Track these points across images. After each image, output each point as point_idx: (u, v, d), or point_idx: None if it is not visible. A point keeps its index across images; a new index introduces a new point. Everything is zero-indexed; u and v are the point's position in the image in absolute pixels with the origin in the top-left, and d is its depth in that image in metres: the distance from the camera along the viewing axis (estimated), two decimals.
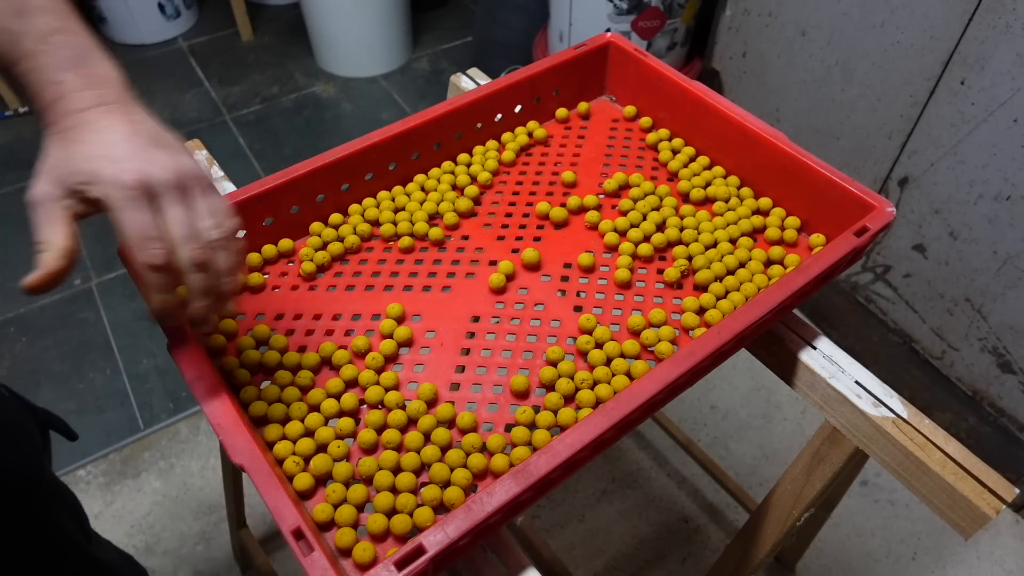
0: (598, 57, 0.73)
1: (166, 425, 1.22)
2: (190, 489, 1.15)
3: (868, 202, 0.57)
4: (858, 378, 0.55)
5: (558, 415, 0.49)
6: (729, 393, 1.28)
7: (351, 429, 0.48)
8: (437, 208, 0.64)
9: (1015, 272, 1.02)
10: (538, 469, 0.41)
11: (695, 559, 1.08)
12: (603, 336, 0.53)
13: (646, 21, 1.36)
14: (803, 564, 1.07)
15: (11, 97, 1.80)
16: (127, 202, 0.37)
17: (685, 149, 0.69)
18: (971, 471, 0.50)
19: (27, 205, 0.38)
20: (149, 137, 0.39)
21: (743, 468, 1.19)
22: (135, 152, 0.38)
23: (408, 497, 0.44)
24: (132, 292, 1.41)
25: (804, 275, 0.52)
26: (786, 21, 1.22)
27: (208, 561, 1.07)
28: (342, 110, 1.83)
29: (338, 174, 0.62)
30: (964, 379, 1.17)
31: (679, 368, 0.46)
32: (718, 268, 0.59)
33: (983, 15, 0.93)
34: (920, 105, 1.06)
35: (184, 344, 0.47)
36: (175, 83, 1.92)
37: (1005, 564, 1.08)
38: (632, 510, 1.13)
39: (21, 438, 0.50)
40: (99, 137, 0.38)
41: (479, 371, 0.52)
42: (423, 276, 0.59)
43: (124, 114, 0.39)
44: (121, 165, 0.37)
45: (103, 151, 0.37)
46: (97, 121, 0.38)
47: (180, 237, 0.38)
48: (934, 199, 1.09)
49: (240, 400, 0.49)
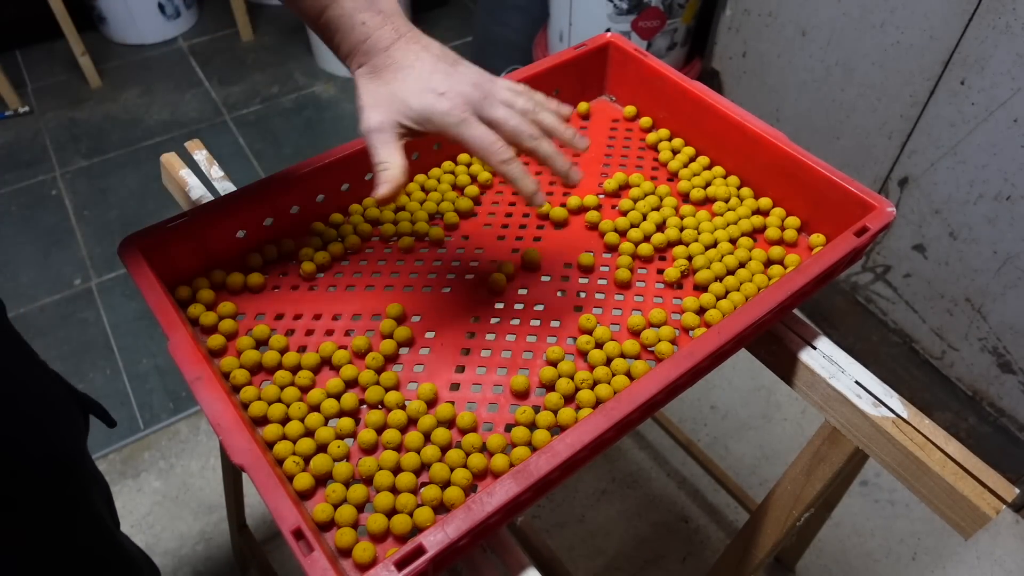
0: (598, 57, 0.73)
1: (166, 425, 1.22)
2: (190, 489, 1.15)
3: (868, 202, 0.57)
4: (858, 378, 0.55)
5: (558, 415, 0.49)
6: (729, 393, 1.28)
7: (351, 429, 0.48)
8: (437, 208, 0.64)
9: (1015, 272, 1.02)
10: (538, 469, 0.41)
11: (695, 559, 1.08)
12: (603, 336, 0.53)
13: (646, 21, 1.36)
14: (803, 564, 1.07)
15: (11, 97, 1.80)
16: (463, 125, 0.44)
17: (685, 149, 0.69)
18: (971, 471, 0.50)
19: (363, 134, 0.45)
20: (447, 59, 0.46)
21: (743, 468, 1.19)
22: (447, 78, 0.45)
23: (408, 497, 0.44)
24: (132, 292, 1.41)
25: (804, 275, 0.52)
26: (786, 21, 1.22)
27: (208, 561, 1.07)
28: (342, 110, 1.83)
29: (338, 174, 0.62)
30: (964, 379, 1.17)
31: (679, 368, 0.46)
32: (718, 268, 0.59)
33: (983, 15, 0.93)
34: (920, 105, 1.06)
35: (184, 344, 0.47)
36: (175, 83, 1.92)
37: (1005, 564, 1.08)
38: (632, 510, 1.13)
39: (66, 420, 0.51)
40: (414, 73, 0.44)
41: (479, 371, 0.52)
42: (423, 276, 0.59)
43: (418, 43, 0.46)
44: (446, 96, 0.44)
45: (425, 85, 0.44)
46: (405, 56, 0.45)
47: (514, 128, 0.45)
48: (934, 199, 1.09)
49: (240, 400, 0.49)
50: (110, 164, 1.70)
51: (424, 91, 0.44)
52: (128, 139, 1.76)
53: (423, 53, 0.45)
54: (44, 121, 1.81)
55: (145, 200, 1.61)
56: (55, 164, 1.69)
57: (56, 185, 1.64)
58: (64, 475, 0.50)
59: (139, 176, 1.67)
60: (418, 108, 0.44)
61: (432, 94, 0.44)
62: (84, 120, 1.81)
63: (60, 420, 0.50)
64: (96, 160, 1.70)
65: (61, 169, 1.68)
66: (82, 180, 1.65)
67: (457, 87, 0.45)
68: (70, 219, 1.57)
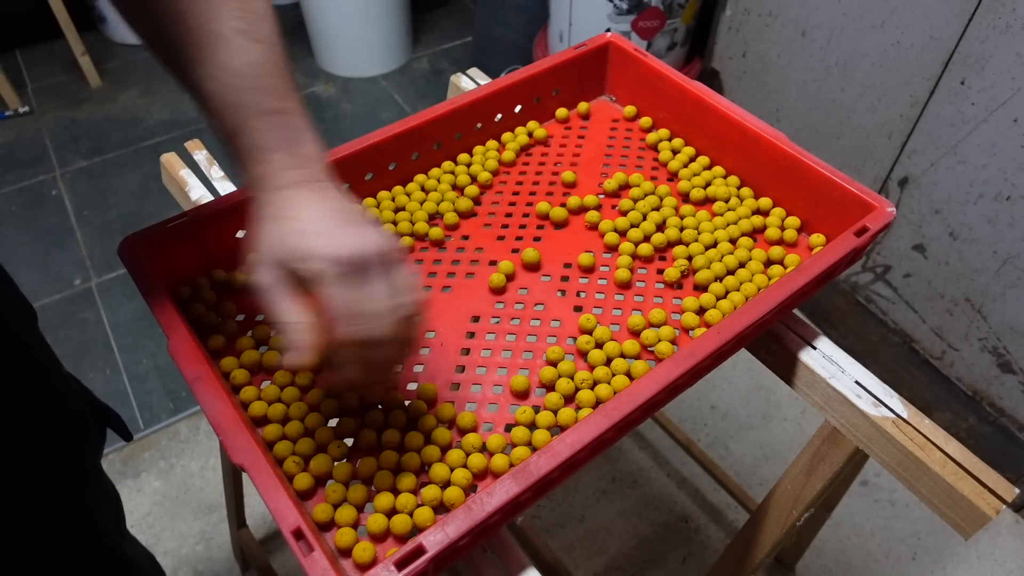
0: (598, 57, 0.73)
1: (166, 425, 1.22)
2: (190, 489, 1.15)
3: (868, 202, 0.57)
4: (858, 378, 0.55)
5: (558, 415, 0.49)
6: (729, 393, 1.28)
7: (351, 429, 0.48)
8: (437, 208, 0.64)
9: (1015, 272, 1.02)
10: (538, 469, 0.41)
11: (695, 559, 1.08)
12: (603, 336, 0.53)
13: (646, 21, 1.36)
14: (803, 564, 1.07)
15: (11, 97, 1.80)
16: (338, 278, 0.38)
17: (685, 149, 0.69)
18: (971, 471, 0.50)
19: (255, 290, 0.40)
20: (343, 213, 0.41)
21: (743, 468, 1.19)
22: (338, 228, 0.39)
23: (408, 497, 0.44)
24: (132, 292, 1.41)
25: (804, 275, 0.52)
26: (786, 21, 1.22)
27: (208, 561, 1.07)
28: (342, 110, 1.83)
29: (338, 174, 0.61)
30: (964, 379, 1.17)
31: (679, 368, 0.46)
32: (718, 268, 0.59)
33: (983, 15, 0.93)
34: (920, 105, 1.06)
35: (184, 344, 0.47)
36: (175, 83, 1.92)
37: (1005, 564, 1.08)
38: (632, 510, 1.13)
39: (79, 434, 0.50)
40: (303, 215, 0.39)
41: (479, 371, 0.52)
42: (423, 276, 0.59)
43: (320, 191, 0.41)
44: (332, 240, 0.39)
45: (311, 227, 0.39)
46: (297, 198, 0.40)
47: (382, 311, 0.39)
48: (934, 199, 1.09)
49: (240, 400, 0.49)
50: (110, 164, 1.70)
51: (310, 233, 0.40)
52: (128, 139, 1.76)
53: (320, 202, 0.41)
54: (44, 121, 1.81)
55: (145, 200, 1.61)
56: (55, 164, 1.69)
57: (56, 185, 1.64)
58: (67, 492, 0.49)
59: (139, 176, 1.67)
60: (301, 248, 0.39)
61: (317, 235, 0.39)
62: (84, 120, 1.81)
63: (72, 435, 0.50)
64: (96, 160, 1.70)
65: (61, 169, 1.68)
66: (82, 180, 1.65)
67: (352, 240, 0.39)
68: (70, 219, 1.57)
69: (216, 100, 0.40)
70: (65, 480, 0.48)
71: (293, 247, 0.39)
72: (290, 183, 0.40)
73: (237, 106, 0.40)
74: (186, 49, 0.39)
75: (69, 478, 0.49)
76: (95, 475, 0.53)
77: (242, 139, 0.40)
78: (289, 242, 0.39)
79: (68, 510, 0.48)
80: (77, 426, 0.50)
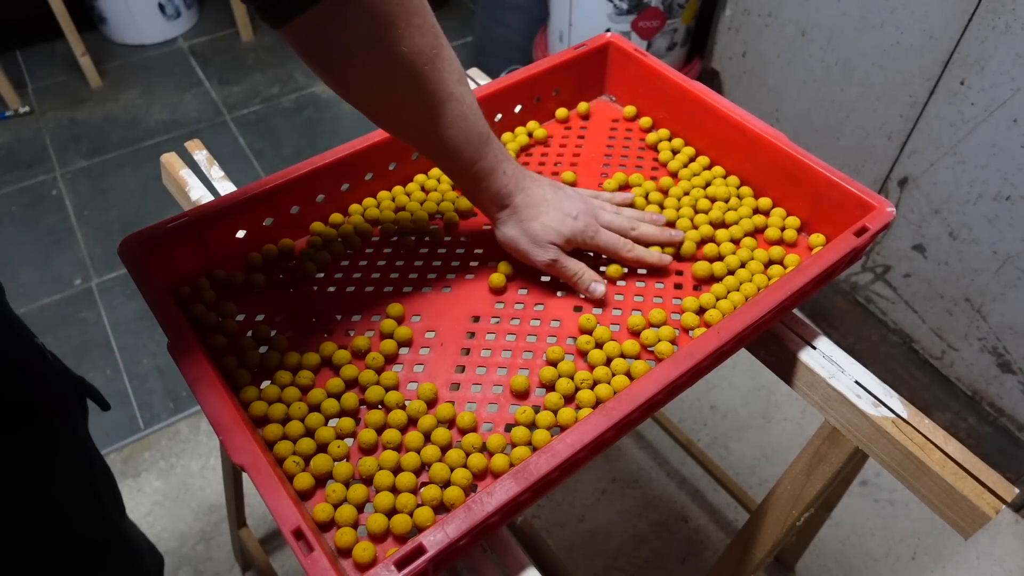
0: (598, 57, 0.73)
1: (166, 425, 1.22)
2: (190, 489, 1.15)
3: (868, 202, 0.57)
4: (858, 378, 0.55)
5: (558, 415, 0.49)
6: (729, 393, 1.28)
7: (351, 429, 0.48)
8: (437, 208, 0.64)
9: (1015, 272, 1.02)
10: (538, 469, 0.41)
11: (695, 559, 1.08)
12: (603, 336, 0.53)
13: (646, 21, 1.36)
14: (803, 564, 1.07)
15: (11, 97, 1.80)
16: (597, 236, 0.57)
17: (685, 149, 0.69)
18: (971, 471, 0.50)
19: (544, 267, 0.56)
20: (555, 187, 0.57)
21: (743, 468, 1.19)
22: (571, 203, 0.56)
23: (408, 497, 0.44)
24: (132, 292, 1.41)
25: (804, 275, 0.52)
26: (786, 21, 1.22)
27: (208, 561, 1.07)
28: (342, 110, 1.83)
29: (338, 174, 0.62)
30: (964, 379, 1.17)
31: (679, 368, 0.46)
32: (718, 268, 0.59)
33: (983, 15, 0.93)
34: (920, 105, 1.06)
35: (184, 344, 0.47)
36: (175, 83, 1.92)
37: (1005, 564, 1.08)
38: (632, 510, 1.13)
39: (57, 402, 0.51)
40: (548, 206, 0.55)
41: (479, 371, 0.53)
42: (423, 276, 0.59)
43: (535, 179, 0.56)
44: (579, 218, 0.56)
45: (562, 214, 0.55)
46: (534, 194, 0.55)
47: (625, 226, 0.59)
48: (934, 199, 1.09)
49: (240, 400, 0.49)
50: (110, 164, 1.70)
51: (565, 218, 0.55)
52: (128, 139, 1.76)
53: (541, 188, 0.56)
54: (44, 121, 1.81)
55: (145, 200, 1.61)
56: (55, 164, 1.69)
57: (56, 185, 1.64)
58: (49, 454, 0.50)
59: (139, 176, 1.67)
60: (568, 233, 0.55)
61: (570, 219, 0.55)
62: (84, 120, 1.81)
63: (54, 406, 0.50)
64: (96, 160, 1.71)
65: (61, 169, 1.68)
66: (82, 180, 1.66)
67: (580, 207, 0.56)
68: (70, 219, 1.57)
69: (452, 143, 0.50)
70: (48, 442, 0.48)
71: (565, 232, 0.55)
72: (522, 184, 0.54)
73: (469, 142, 0.50)
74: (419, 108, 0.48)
75: (52, 441, 0.49)
76: (79, 441, 0.53)
77: (481, 164, 0.52)
78: (561, 229, 0.55)
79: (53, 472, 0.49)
80: (56, 395, 0.50)
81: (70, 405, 0.53)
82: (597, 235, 0.57)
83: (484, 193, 0.54)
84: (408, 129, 0.51)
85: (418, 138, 0.51)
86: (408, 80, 0.46)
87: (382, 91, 0.46)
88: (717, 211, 0.63)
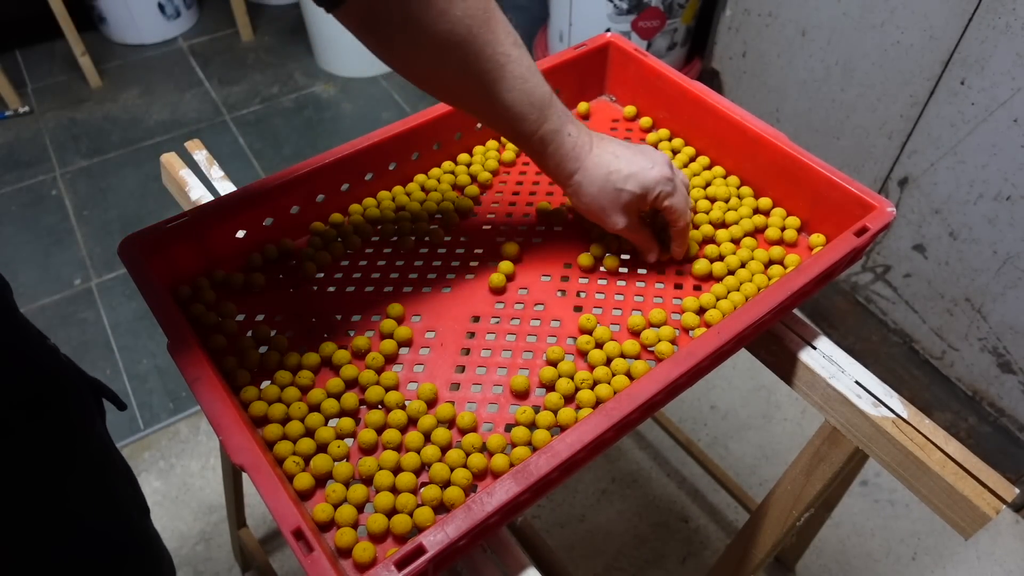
0: (598, 57, 0.73)
1: (166, 425, 1.22)
2: (190, 489, 1.15)
3: (868, 202, 0.57)
4: (858, 378, 0.55)
5: (558, 415, 0.49)
6: (729, 393, 1.28)
7: (351, 429, 0.48)
8: (437, 208, 0.64)
9: (1015, 272, 1.02)
10: (538, 469, 0.41)
11: (695, 559, 1.08)
12: (603, 336, 0.53)
13: (646, 21, 1.36)
14: (803, 564, 1.07)
15: (11, 97, 1.80)
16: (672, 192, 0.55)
17: (685, 149, 0.69)
18: (971, 471, 0.50)
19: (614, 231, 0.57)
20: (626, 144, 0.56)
21: (743, 468, 1.19)
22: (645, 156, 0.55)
23: (408, 497, 0.44)
24: (132, 292, 1.41)
25: (804, 275, 0.52)
26: (786, 21, 1.22)
27: (208, 561, 1.07)
28: (342, 110, 1.83)
29: (338, 174, 0.62)
30: (964, 379, 1.17)
31: (679, 368, 0.46)
32: (718, 268, 0.59)
33: (983, 15, 0.93)
34: (920, 105, 1.06)
35: (184, 344, 0.47)
36: (175, 83, 1.92)
37: (1005, 564, 1.08)
38: (632, 510, 1.13)
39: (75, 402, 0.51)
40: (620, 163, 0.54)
41: (479, 371, 0.52)
42: (423, 276, 0.59)
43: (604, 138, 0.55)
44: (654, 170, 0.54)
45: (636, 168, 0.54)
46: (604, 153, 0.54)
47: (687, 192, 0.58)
48: (934, 199, 1.09)
49: (240, 400, 0.49)
50: (110, 164, 1.70)
51: (639, 173, 0.54)
52: (128, 139, 1.76)
53: (612, 144, 0.55)
54: (44, 121, 1.81)
55: (145, 200, 1.61)
56: (55, 164, 1.69)
57: (56, 185, 1.64)
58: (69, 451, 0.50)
59: (139, 176, 1.67)
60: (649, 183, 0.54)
61: (645, 172, 0.54)
62: (84, 120, 1.81)
63: (69, 402, 0.51)
64: (96, 160, 1.70)
65: (61, 169, 1.68)
66: (82, 180, 1.66)
67: (657, 158, 0.55)
68: (70, 219, 1.57)
69: (516, 107, 0.50)
70: (65, 437, 0.48)
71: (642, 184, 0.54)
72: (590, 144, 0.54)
73: (532, 104, 0.50)
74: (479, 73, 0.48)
75: (68, 436, 0.49)
76: (97, 439, 0.53)
77: (547, 126, 0.51)
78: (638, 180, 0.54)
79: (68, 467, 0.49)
80: (72, 392, 0.50)
81: (86, 402, 0.53)
82: (676, 193, 0.55)
83: (551, 159, 0.53)
84: (470, 97, 0.50)
85: (481, 106, 0.50)
86: (464, 45, 0.46)
87: (441, 61, 0.46)
88: (717, 211, 0.63)
